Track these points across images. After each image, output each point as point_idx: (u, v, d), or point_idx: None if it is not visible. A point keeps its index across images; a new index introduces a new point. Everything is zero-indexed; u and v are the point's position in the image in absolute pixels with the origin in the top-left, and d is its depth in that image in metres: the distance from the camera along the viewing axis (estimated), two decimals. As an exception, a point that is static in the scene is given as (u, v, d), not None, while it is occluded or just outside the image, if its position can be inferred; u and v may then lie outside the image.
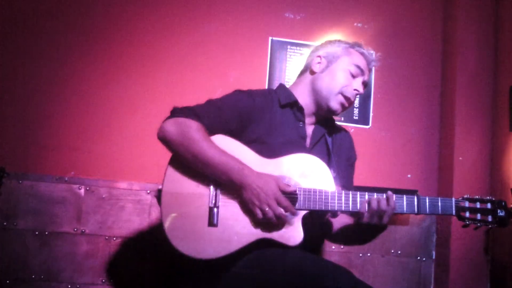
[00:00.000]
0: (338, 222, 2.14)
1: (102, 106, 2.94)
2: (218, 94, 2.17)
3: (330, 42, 2.25)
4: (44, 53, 2.92)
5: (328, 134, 2.20)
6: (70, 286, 2.77)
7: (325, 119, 2.23)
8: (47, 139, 2.87)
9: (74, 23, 2.97)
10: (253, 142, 2.02)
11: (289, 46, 3.17)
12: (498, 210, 1.91)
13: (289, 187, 1.89)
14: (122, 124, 2.93)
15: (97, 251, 2.82)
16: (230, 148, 1.95)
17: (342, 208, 1.91)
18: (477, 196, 1.94)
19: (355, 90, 2.13)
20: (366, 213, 1.90)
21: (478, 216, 1.93)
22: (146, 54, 3.03)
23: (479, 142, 3.14)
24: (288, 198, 1.88)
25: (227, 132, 2.03)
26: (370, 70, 2.22)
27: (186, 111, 2.00)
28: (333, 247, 3.04)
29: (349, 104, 2.15)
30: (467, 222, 1.93)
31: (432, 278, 3.13)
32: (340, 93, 2.11)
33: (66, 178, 2.84)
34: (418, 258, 3.14)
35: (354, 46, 2.20)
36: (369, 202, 1.90)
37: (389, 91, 3.27)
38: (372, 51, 2.26)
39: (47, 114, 2.89)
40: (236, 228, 1.89)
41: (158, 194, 1.99)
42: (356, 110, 3.21)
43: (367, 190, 1.97)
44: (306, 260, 1.79)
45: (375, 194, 1.92)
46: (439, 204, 1.92)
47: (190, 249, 1.87)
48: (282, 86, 2.26)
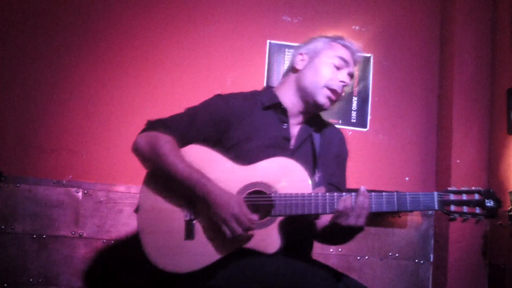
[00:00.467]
0: (321, 222, 2.04)
1: (100, 109, 2.94)
2: (216, 97, 2.16)
3: (312, 39, 2.20)
4: (42, 56, 2.92)
5: (316, 133, 2.14)
6: (68, 289, 2.77)
7: (313, 118, 2.17)
8: (45, 143, 2.86)
9: (72, 25, 2.97)
10: (231, 149, 1.99)
11: (286, 49, 3.17)
12: (486, 201, 1.78)
13: (250, 215, 1.83)
14: (120, 127, 2.93)
15: (95, 255, 2.81)
16: (203, 158, 1.93)
17: (319, 210, 1.84)
18: (463, 187, 1.82)
19: (341, 81, 2.07)
20: (341, 214, 1.81)
21: (465, 208, 1.79)
22: (144, 56, 3.03)
23: (477, 145, 3.14)
24: (264, 205, 1.85)
25: (203, 140, 2.00)
26: (355, 62, 2.15)
27: (158, 124, 2.00)
28: (331, 250, 3.04)
29: (336, 96, 2.08)
30: (453, 216, 1.80)
31: (430, 281, 3.13)
32: (325, 86, 2.05)
33: (64, 182, 2.83)
34: (416, 261, 3.14)
35: (335, 39, 2.15)
36: (344, 203, 1.81)
37: (387, 94, 3.27)
38: (354, 43, 2.18)
39: (45, 118, 2.89)
40: (213, 240, 1.86)
41: (137, 209, 1.97)
42: (354, 113, 3.21)
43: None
44: (283, 267, 1.75)
45: (351, 194, 1.82)
46: (420, 199, 1.80)
47: (168, 264, 1.86)
48: (267, 88, 2.23)
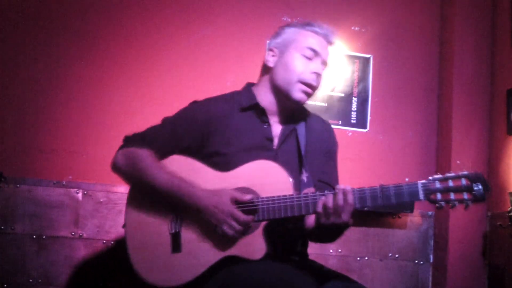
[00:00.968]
0: (310, 221, 1.97)
1: (100, 110, 2.94)
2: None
3: (281, 30, 2.10)
4: (41, 57, 2.92)
5: (301, 128, 2.06)
6: (67, 290, 2.77)
7: (297, 112, 2.09)
8: (45, 143, 2.86)
9: (71, 26, 2.96)
10: (213, 155, 1.95)
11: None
12: (474, 185, 1.71)
13: (245, 196, 1.82)
14: (119, 128, 2.90)
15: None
16: (184, 168, 1.91)
17: (302, 211, 1.79)
18: (449, 173, 1.74)
19: (314, 72, 1.98)
20: (323, 214, 1.75)
21: (452, 195, 1.72)
22: (143, 57, 3.03)
23: (477, 146, 3.14)
24: (247, 210, 1.82)
25: (184, 149, 1.98)
26: (330, 43, 2.05)
27: (136, 139, 1.99)
28: (330, 251, 3.04)
29: (313, 89, 2.00)
30: (439, 205, 1.73)
31: (430, 281, 3.13)
32: (298, 81, 1.97)
33: (64, 182, 2.83)
34: (416, 261, 3.14)
35: (304, 26, 2.05)
36: (326, 201, 1.74)
37: (386, 95, 3.28)
38: (325, 26, 2.06)
39: (44, 118, 2.88)
40: (199, 250, 1.85)
41: (124, 225, 1.97)
42: (354, 114, 3.21)
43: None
44: (269, 273, 1.70)
45: (333, 192, 1.76)
46: (404, 190, 1.73)
47: (158, 279, 1.85)
48: (246, 87, 2.14)
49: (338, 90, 3.22)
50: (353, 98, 3.22)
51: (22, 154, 2.84)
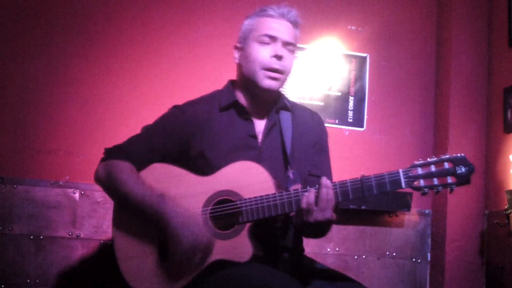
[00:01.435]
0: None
1: (97, 110, 2.94)
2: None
3: (241, 25, 2.07)
4: (39, 57, 2.92)
5: (287, 121, 2.02)
6: (65, 290, 2.77)
7: (282, 105, 2.04)
8: (42, 144, 2.86)
9: (68, 26, 2.96)
10: (197, 159, 1.94)
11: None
12: (457, 168, 1.67)
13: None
14: (116, 128, 2.92)
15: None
16: (165, 176, 1.90)
17: (285, 210, 1.76)
18: (431, 158, 1.71)
19: (274, 56, 1.92)
20: (304, 212, 1.72)
21: (435, 180, 1.68)
22: (141, 57, 3.03)
23: (474, 144, 3.15)
24: (233, 213, 1.80)
25: (166, 156, 1.97)
26: (289, 21, 2.00)
27: (115, 152, 1.98)
28: (328, 249, 3.04)
29: (279, 72, 1.93)
30: (423, 191, 1.69)
31: (427, 280, 3.14)
32: (261, 69, 1.92)
33: (61, 183, 2.83)
34: (414, 260, 3.14)
35: (258, 13, 2.01)
36: (306, 199, 1.72)
37: (383, 94, 3.28)
38: (281, 6, 2.02)
39: (42, 119, 2.88)
40: (186, 257, 1.83)
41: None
42: (350, 113, 3.22)
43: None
44: (253, 275, 1.69)
45: (314, 188, 1.73)
46: (386, 180, 1.71)
47: None
48: (227, 85, 2.10)
49: (335, 89, 3.22)
50: (349, 97, 3.23)
51: (20, 155, 2.83)
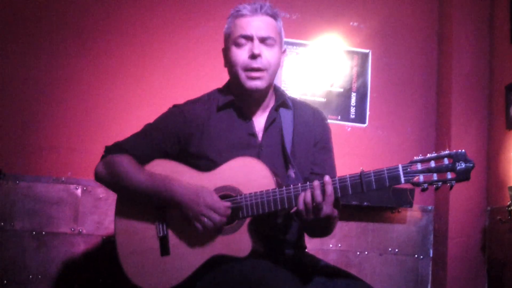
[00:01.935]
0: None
1: (98, 106, 2.94)
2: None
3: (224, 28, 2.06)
4: (40, 55, 2.92)
5: (287, 119, 2.01)
6: (67, 286, 2.77)
7: (281, 102, 2.02)
8: (44, 140, 2.86)
9: (69, 24, 2.97)
10: (196, 158, 1.95)
11: (285, 46, 3.16)
12: (457, 164, 1.67)
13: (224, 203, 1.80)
14: (118, 124, 2.92)
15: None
16: (167, 171, 1.91)
17: (285, 205, 1.76)
18: (431, 154, 1.70)
19: (251, 55, 1.90)
20: (302, 210, 1.71)
21: (435, 176, 1.67)
22: (142, 55, 3.03)
23: (476, 141, 3.14)
24: (233, 208, 1.80)
25: (166, 154, 1.98)
26: (263, 13, 1.98)
27: (116, 149, 1.99)
28: (330, 245, 3.04)
29: (259, 70, 1.91)
30: (423, 187, 1.68)
31: (429, 276, 3.14)
32: (243, 71, 1.91)
33: (63, 179, 2.83)
34: (416, 256, 3.14)
35: (232, 15, 2.01)
36: (304, 197, 1.71)
37: (385, 90, 3.28)
38: (254, 4, 2.00)
39: (43, 115, 2.89)
40: (187, 252, 1.85)
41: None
42: (352, 109, 3.22)
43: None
44: (250, 270, 1.69)
45: (310, 185, 1.72)
46: (386, 175, 1.70)
47: (149, 284, 1.87)
48: (226, 84, 2.09)
49: (337, 85, 3.22)
50: (352, 93, 3.23)
51: (22, 151, 2.84)
